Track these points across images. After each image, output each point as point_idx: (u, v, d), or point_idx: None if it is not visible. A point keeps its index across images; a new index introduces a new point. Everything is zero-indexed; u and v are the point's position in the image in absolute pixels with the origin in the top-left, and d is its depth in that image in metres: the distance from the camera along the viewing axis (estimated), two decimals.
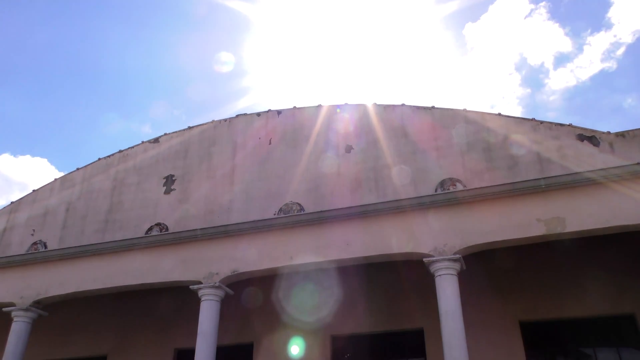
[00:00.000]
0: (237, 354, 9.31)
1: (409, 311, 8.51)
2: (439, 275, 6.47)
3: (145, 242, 7.92)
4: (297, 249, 7.23)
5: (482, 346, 7.47)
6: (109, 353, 9.86)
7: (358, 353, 8.92)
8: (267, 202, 9.34)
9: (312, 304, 9.03)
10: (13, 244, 10.40)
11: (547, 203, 6.25)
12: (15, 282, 8.18)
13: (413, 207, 6.89)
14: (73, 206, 10.55)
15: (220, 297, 7.36)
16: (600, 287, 7.77)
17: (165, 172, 10.36)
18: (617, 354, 7.68)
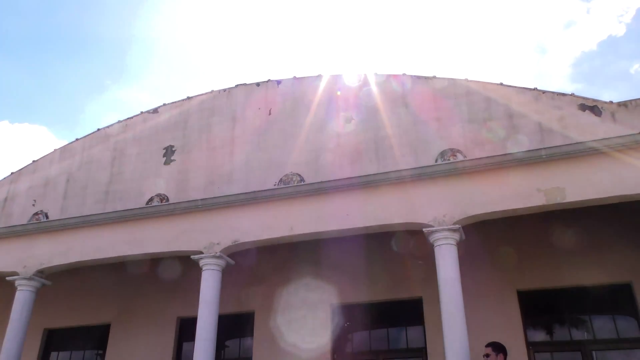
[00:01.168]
0: (239, 322, 9.47)
1: (408, 281, 8.62)
2: (438, 245, 6.52)
3: (146, 213, 7.96)
4: (297, 219, 7.27)
5: (479, 314, 7.59)
6: (112, 321, 10.04)
7: (358, 321, 9.07)
8: (267, 173, 9.35)
9: (312, 274, 9.14)
10: (14, 214, 10.46)
11: (547, 173, 6.25)
12: (18, 251, 8.26)
13: (413, 177, 6.89)
14: (73, 177, 10.57)
15: (221, 266, 7.44)
16: (598, 256, 7.85)
17: (164, 142, 10.34)
18: (613, 321, 7.82)
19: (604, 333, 7.79)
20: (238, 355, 9.42)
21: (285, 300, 9.16)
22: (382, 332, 8.88)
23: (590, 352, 7.63)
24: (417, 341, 8.55)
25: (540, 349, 7.88)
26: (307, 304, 9.01)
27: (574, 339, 7.83)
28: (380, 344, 8.79)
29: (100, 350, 10.11)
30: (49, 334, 10.49)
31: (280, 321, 9.04)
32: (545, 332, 8.12)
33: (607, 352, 7.68)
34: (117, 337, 9.86)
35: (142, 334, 9.66)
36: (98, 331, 10.22)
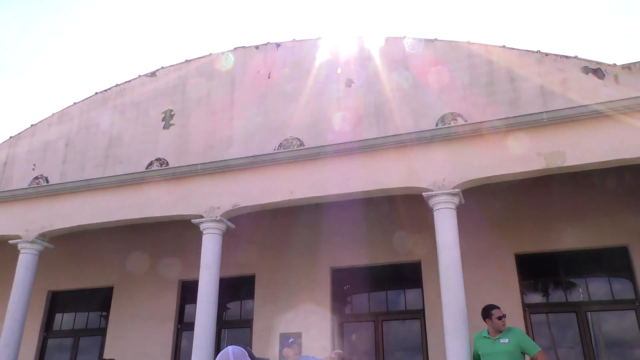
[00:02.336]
0: (240, 285, 9.61)
1: (407, 244, 8.70)
2: (437, 209, 6.54)
3: (146, 177, 7.96)
4: (297, 183, 7.27)
5: (477, 278, 7.69)
6: (115, 284, 10.18)
7: (357, 284, 9.20)
8: (267, 138, 9.32)
9: (312, 238, 9.22)
10: (15, 178, 10.47)
11: (548, 137, 6.21)
12: (19, 215, 8.30)
13: (413, 141, 6.86)
14: (72, 141, 10.53)
15: (221, 230, 7.48)
16: (595, 220, 7.91)
17: (163, 106, 10.27)
18: (608, 284, 7.94)
19: (599, 295, 7.92)
20: (239, 317, 9.60)
21: (285, 264, 9.27)
22: (381, 294, 9.02)
23: (585, 313, 7.77)
24: (416, 303, 8.70)
25: (536, 311, 8.02)
26: (307, 267, 9.13)
27: (569, 301, 7.98)
28: (379, 306, 8.94)
29: (104, 312, 10.29)
30: (53, 296, 10.66)
31: (281, 284, 9.17)
32: (541, 294, 8.25)
33: (602, 313, 7.83)
34: (120, 300, 10.03)
35: (144, 296, 9.82)
36: (101, 293, 10.38)
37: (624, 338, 7.65)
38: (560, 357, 7.76)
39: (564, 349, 7.83)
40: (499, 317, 5.64)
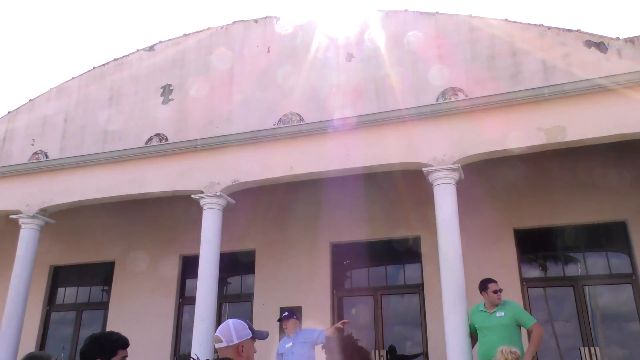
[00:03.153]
0: (240, 260, 9.69)
1: (406, 220, 8.74)
2: (437, 184, 6.53)
3: (146, 152, 7.95)
4: (297, 159, 7.26)
5: (476, 252, 7.74)
6: (116, 259, 10.26)
7: (357, 259, 9.27)
8: (266, 113, 9.27)
9: (312, 213, 9.26)
10: (14, 153, 10.46)
11: (549, 112, 6.18)
12: (20, 190, 8.31)
13: (413, 116, 6.82)
14: (71, 116, 10.49)
15: (222, 206, 7.50)
16: (594, 195, 7.93)
17: (162, 81, 10.19)
18: (606, 258, 8.00)
19: (597, 270, 7.99)
20: (240, 291, 9.70)
21: (285, 239, 9.32)
22: (380, 269, 9.10)
23: (582, 287, 7.85)
24: (415, 278, 8.78)
25: (534, 285, 8.11)
26: (307, 242, 9.19)
27: (567, 275, 8.05)
28: (378, 280, 9.03)
29: (105, 286, 10.40)
30: (55, 271, 10.76)
31: (281, 259, 9.24)
32: (539, 269, 8.33)
33: (599, 287, 7.91)
34: (122, 274, 10.12)
35: (146, 271, 9.90)
36: (103, 268, 10.47)
37: (620, 312, 7.75)
38: (557, 331, 7.87)
39: (561, 323, 7.94)
40: (494, 291, 5.71)
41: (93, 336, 2.85)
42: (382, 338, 8.57)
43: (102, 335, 2.87)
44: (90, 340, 2.83)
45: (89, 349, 2.79)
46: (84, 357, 2.79)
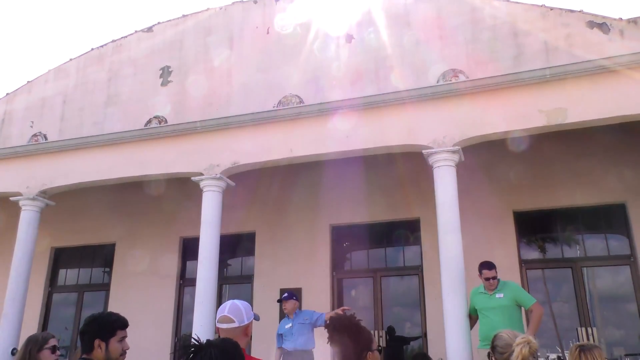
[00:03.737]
0: (240, 242, 9.74)
1: (406, 202, 8.75)
2: (437, 166, 6.51)
3: (145, 134, 7.93)
4: (296, 141, 7.23)
5: (475, 235, 7.76)
6: (117, 241, 10.31)
7: (356, 241, 9.32)
8: (266, 95, 9.23)
9: (312, 195, 9.27)
10: (13, 135, 10.44)
11: (550, 93, 6.13)
12: (20, 172, 8.31)
13: (413, 98, 6.78)
14: (69, 98, 10.44)
15: (221, 188, 7.50)
16: (594, 177, 7.94)
17: (161, 63, 10.12)
18: (605, 240, 8.04)
19: (596, 251, 8.03)
20: (240, 273, 9.76)
21: (285, 221, 9.35)
22: (380, 251, 9.15)
23: (580, 268, 7.90)
24: (414, 260, 8.83)
25: (533, 267, 8.15)
26: (307, 225, 9.21)
27: (565, 257, 8.10)
28: (378, 262, 9.08)
29: (107, 268, 10.46)
30: (56, 253, 10.82)
31: (281, 241, 9.28)
32: (538, 250, 8.36)
33: (597, 269, 7.96)
34: (123, 256, 10.17)
35: (147, 253, 9.95)
36: (104, 250, 10.53)
37: (618, 293, 7.81)
38: (555, 311, 7.94)
39: (559, 304, 8.00)
40: (486, 278, 5.69)
41: (92, 317, 2.86)
42: (381, 319, 8.65)
43: (101, 315, 2.88)
44: (90, 320, 2.84)
45: (88, 330, 2.81)
46: (84, 337, 2.81)
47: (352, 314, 2.69)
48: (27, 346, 3.67)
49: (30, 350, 3.62)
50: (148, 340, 8.93)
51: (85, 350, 2.75)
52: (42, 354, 3.62)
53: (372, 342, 2.63)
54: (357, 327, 2.60)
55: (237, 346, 2.48)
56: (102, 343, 2.76)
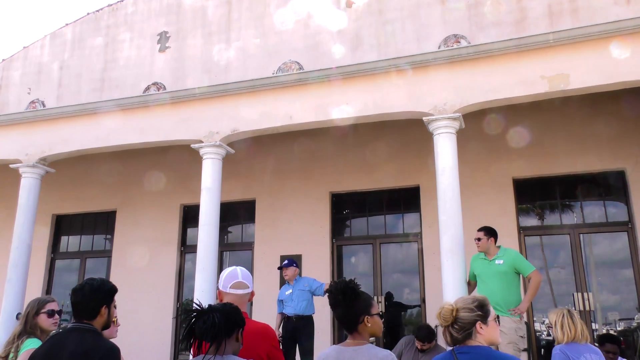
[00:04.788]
0: (241, 209, 9.78)
1: (406, 169, 8.76)
2: (437, 133, 6.48)
3: (144, 101, 7.86)
4: (296, 108, 7.18)
5: (474, 202, 7.80)
6: (118, 208, 10.35)
7: (356, 208, 9.36)
8: (265, 61, 9.12)
9: (312, 163, 9.27)
10: (11, 102, 10.37)
11: (553, 59, 6.05)
12: (18, 139, 8.28)
13: (414, 64, 6.69)
14: (66, 64, 10.32)
15: (221, 155, 7.48)
16: (595, 144, 7.93)
17: (158, 28, 9.96)
18: (603, 207, 8.08)
19: (594, 218, 8.09)
20: (241, 240, 9.84)
21: (285, 188, 9.38)
22: (379, 218, 9.20)
23: (578, 235, 7.97)
24: (413, 227, 8.89)
25: (531, 233, 8.22)
26: (306, 192, 9.24)
27: (564, 224, 8.15)
28: (377, 229, 9.14)
29: (108, 235, 10.54)
30: (57, 220, 10.88)
31: (281, 208, 9.33)
32: (537, 217, 8.42)
33: (594, 235, 8.02)
34: (124, 223, 10.24)
35: (147, 220, 10.01)
36: (105, 217, 10.59)
37: (614, 259, 7.90)
38: (552, 277, 8.05)
39: (556, 270, 8.11)
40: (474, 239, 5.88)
41: (93, 284, 2.78)
42: (380, 285, 8.77)
43: (103, 282, 2.84)
44: (95, 288, 2.77)
45: (96, 297, 2.73)
46: (88, 304, 2.72)
47: (352, 279, 2.73)
48: (26, 309, 3.70)
49: (28, 314, 3.65)
50: (151, 305, 9.09)
51: (86, 317, 2.75)
52: (39, 317, 3.65)
53: (372, 307, 2.67)
54: (355, 292, 2.65)
55: (238, 310, 2.53)
56: (107, 309, 2.80)
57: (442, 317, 2.52)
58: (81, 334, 2.67)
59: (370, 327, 2.63)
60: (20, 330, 3.61)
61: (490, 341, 2.47)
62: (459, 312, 2.48)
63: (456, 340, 2.49)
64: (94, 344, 2.63)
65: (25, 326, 3.61)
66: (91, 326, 2.74)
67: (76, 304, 2.76)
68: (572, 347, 3.85)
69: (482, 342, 2.45)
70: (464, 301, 2.53)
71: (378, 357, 2.52)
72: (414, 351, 6.07)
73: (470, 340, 2.46)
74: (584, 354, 3.80)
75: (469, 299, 2.54)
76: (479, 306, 2.49)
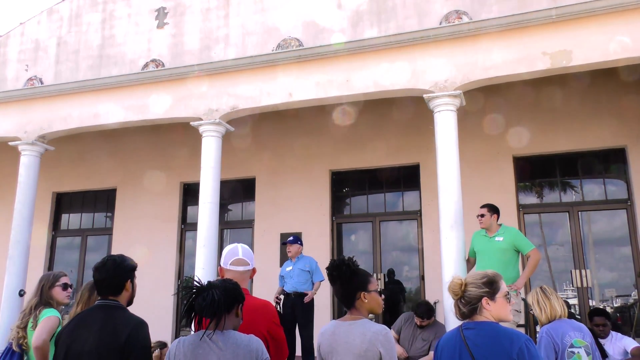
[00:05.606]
0: (241, 187, 9.80)
1: (406, 147, 8.75)
2: (438, 111, 6.45)
3: (143, 78, 7.80)
4: (296, 85, 7.13)
5: (474, 179, 7.81)
6: (118, 186, 10.37)
7: (356, 186, 9.38)
8: (264, 38, 9.03)
9: (312, 141, 9.25)
10: (8, 79, 10.29)
11: (555, 35, 5.98)
12: (17, 117, 8.24)
13: (415, 41, 6.62)
14: (64, 40, 10.21)
15: (221, 133, 7.46)
16: (596, 122, 7.90)
17: (156, 4, 9.83)
18: (603, 184, 8.09)
19: (594, 196, 8.11)
20: (241, 218, 9.88)
21: (285, 166, 9.38)
22: (379, 196, 9.22)
23: (577, 212, 7.99)
24: (413, 204, 8.91)
25: (530, 211, 8.25)
26: (306, 170, 9.25)
27: (563, 201, 8.17)
28: (377, 207, 9.17)
29: (109, 212, 10.58)
30: (58, 197, 10.91)
31: (281, 186, 9.34)
32: (536, 195, 8.43)
33: (593, 213, 8.05)
34: (124, 201, 10.27)
35: (147, 198, 10.03)
36: (105, 195, 10.61)
37: (613, 236, 7.95)
38: (550, 255, 8.10)
39: (554, 247, 8.16)
40: (476, 215, 5.96)
41: (116, 260, 2.81)
42: (380, 263, 8.83)
43: (124, 257, 2.85)
44: (118, 263, 2.80)
45: (120, 272, 2.78)
46: (113, 280, 2.75)
47: (350, 257, 2.76)
48: (40, 283, 3.86)
49: (43, 287, 3.84)
50: (152, 282, 9.16)
51: (111, 294, 2.78)
52: (54, 290, 3.84)
53: (369, 283, 2.70)
54: (351, 270, 2.68)
55: (237, 286, 2.55)
56: (131, 283, 2.84)
57: (452, 291, 2.54)
58: (109, 310, 2.71)
59: (367, 303, 2.67)
60: (36, 301, 3.79)
61: (499, 317, 2.47)
62: (467, 286, 2.50)
63: (463, 314, 2.51)
64: (123, 320, 2.67)
65: (41, 298, 3.80)
66: (117, 302, 2.77)
67: (101, 280, 2.78)
68: (555, 327, 3.81)
69: (489, 318, 2.45)
70: (473, 276, 2.55)
71: (371, 331, 2.56)
72: (413, 327, 6.15)
73: (477, 316, 2.47)
74: (568, 332, 3.78)
75: (479, 274, 2.54)
76: (487, 282, 2.49)
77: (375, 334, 2.54)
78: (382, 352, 2.51)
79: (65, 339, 2.68)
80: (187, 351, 2.39)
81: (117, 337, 2.57)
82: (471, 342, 2.37)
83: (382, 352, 2.51)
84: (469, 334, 2.41)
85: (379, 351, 2.51)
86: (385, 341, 2.53)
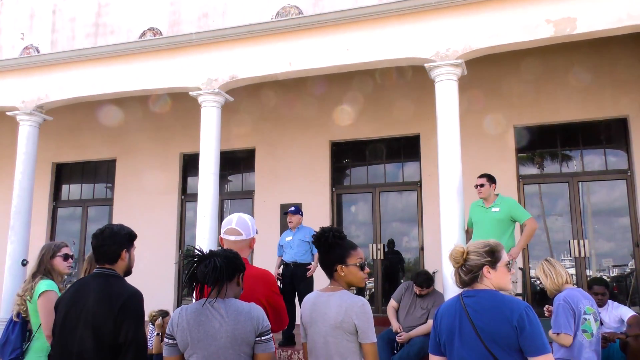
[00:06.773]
0: (241, 158, 9.79)
1: (406, 117, 8.70)
2: (439, 81, 6.38)
3: (140, 47, 7.69)
4: (295, 54, 7.04)
5: (474, 150, 7.79)
6: (118, 156, 10.35)
7: (356, 157, 9.36)
8: (263, 5, 8.86)
9: (311, 111, 9.19)
10: (3, 48, 10.15)
11: (559, 2, 5.86)
12: (13, 86, 8.16)
13: (416, 8, 6.50)
14: (59, 7, 10.02)
15: (220, 103, 7.40)
16: (597, 91, 7.84)
17: None
18: (603, 155, 8.07)
19: (594, 166, 8.10)
20: (241, 189, 9.90)
21: (285, 137, 9.35)
22: (379, 167, 9.22)
23: (577, 183, 8.00)
24: (413, 175, 8.92)
25: (530, 182, 8.25)
26: (306, 141, 9.22)
27: (563, 172, 8.18)
28: (377, 178, 9.17)
29: (109, 183, 10.59)
30: (57, 168, 10.91)
31: (281, 157, 9.33)
32: (536, 166, 8.43)
33: (593, 183, 8.06)
34: (124, 172, 10.27)
35: (147, 169, 10.03)
36: (105, 165, 10.61)
37: (612, 207, 7.98)
38: (549, 225, 8.15)
39: (553, 218, 8.19)
40: (474, 185, 5.98)
41: (112, 229, 2.83)
42: (379, 233, 8.89)
43: (122, 227, 2.87)
44: (114, 232, 2.82)
45: (116, 241, 2.79)
46: (109, 249, 2.77)
47: (337, 228, 2.77)
48: (41, 252, 3.86)
49: (44, 256, 3.83)
50: (153, 252, 9.22)
51: (107, 262, 2.80)
52: (55, 260, 3.84)
53: (349, 257, 2.70)
54: (329, 243, 2.69)
55: (238, 256, 2.57)
56: (127, 253, 2.84)
57: (453, 258, 2.56)
58: (105, 279, 2.74)
59: (344, 276, 2.68)
60: (34, 270, 3.78)
61: (499, 286, 2.50)
62: (469, 254, 2.52)
63: (464, 282, 2.53)
64: (118, 288, 2.70)
65: (39, 267, 3.79)
66: (114, 271, 2.80)
67: (97, 247, 2.81)
68: (571, 294, 3.99)
69: (489, 286, 2.48)
70: (475, 245, 2.56)
71: (347, 302, 2.58)
72: (413, 296, 6.22)
73: (477, 284, 2.49)
74: (582, 300, 3.95)
75: (481, 243, 2.56)
76: (488, 252, 2.51)
77: (350, 306, 2.56)
78: (357, 324, 2.53)
79: (63, 306, 2.74)
80: (189, 318, 2.42)
81: (111, 306, 2.61)
82: (471, 309, 2.40)
83: (357, 323, 2.53)
84: (469, 302, 2.43)
85: (354, 323, 2.53)
86: (360, 312, 2.54)
